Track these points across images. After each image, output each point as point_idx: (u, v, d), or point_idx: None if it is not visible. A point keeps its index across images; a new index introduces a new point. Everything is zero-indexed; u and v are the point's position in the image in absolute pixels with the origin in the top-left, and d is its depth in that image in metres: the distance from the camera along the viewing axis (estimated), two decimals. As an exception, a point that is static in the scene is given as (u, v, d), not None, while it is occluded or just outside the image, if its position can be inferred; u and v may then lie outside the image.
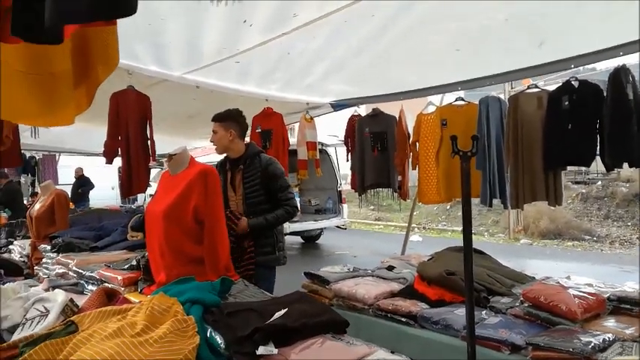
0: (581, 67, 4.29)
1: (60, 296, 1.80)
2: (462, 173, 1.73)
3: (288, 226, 10.07)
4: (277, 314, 1.50)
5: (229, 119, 3.20)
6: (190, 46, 3.61)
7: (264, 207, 3.14)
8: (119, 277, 2.25)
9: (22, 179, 11.65)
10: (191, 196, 2.17)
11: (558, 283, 2.54)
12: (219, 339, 1.44)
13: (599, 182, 14.84)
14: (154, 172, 4.60)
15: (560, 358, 2.00)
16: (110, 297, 1.90)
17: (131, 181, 4.13)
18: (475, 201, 4.74)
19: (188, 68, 4.10)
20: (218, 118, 3.21)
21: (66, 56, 1.40)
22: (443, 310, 2.50)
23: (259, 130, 5.11)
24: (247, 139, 3.40)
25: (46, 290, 2.10)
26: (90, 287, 2.35)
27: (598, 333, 2.11)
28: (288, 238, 11.02)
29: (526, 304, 2.41)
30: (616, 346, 2.06)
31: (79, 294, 2.22)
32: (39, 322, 1.72)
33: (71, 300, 1.80)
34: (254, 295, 1.90)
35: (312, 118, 5.58)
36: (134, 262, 2.37)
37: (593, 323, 2.28)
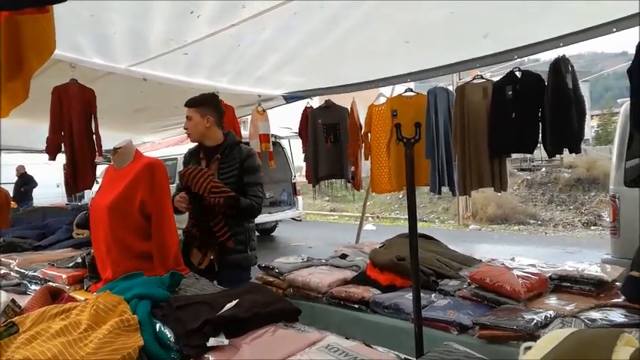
0: (525, 58, 4.46)
1: (1, 297, 1.72)
2: (405, 160, 1.77)
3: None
4: (228, 305, 1.50)
5: (205, 104, 3.00)
6: (136, 37, 3.50)
7: None
8: (64, 276, 2.18)
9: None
10: (137, 190, 2.11)
11: (503, 264, 2.65)
12: (168, 333, 1.42)
13: (543, 169, 15.53)
14: (101, 168, 4.44)
15: (504, 335, 2.10)
16: (54, 296, 1.84)
17: (76, 178, 3.98)
18: (426, 189, 4.87)
19: (134, 60, 3.98)
20: (192, 103, 3.00)
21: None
22: (394, 294, 2.57)
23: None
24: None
25: (-14, 292, 2.01)
26: (33, 287, 2.26)
27: (540, 310, 2.22)
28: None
29: (473, 286, 2.51)
30: (557, 322, 2.18)
31: (22, 294, 2.14)
32: (-22, 324, 1.65)
33: (13, 301, 1.73)
34: (205, 288, 1.89)
35: (264, 111, 5.54)
36: (79, 260, 2.29)
37: (536, 302, 2.40)
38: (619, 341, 1.03)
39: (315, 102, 5.76)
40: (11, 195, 11.72)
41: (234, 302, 1.51)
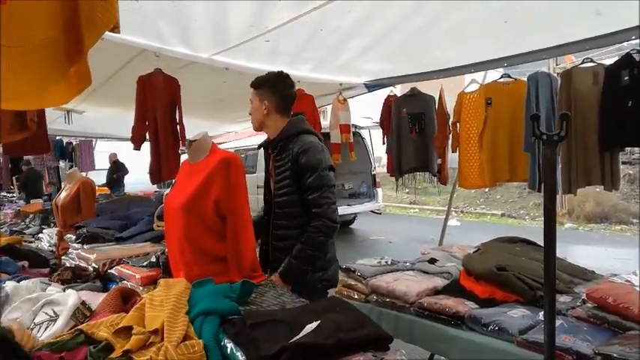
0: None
1: (71, 298, 1.64)
2: (544, 162, 1.43)
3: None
4: (308, 327, 1.30)
5: (265, 86, 2.43)
6: (217, 25, 3.41)
7: (293, 210, 2.34)
8: (137, 276, 2.09)
9: (62, 164, 11.88)
10: (212, 188, 1.95)
11: (628, 281, 2.24)
12: (240, 356, 1.24)
13: (647, 162, 14.06)
14: (185, 157, 4.45)
15: (636, 372, 1.74)
16: (127, 298, 1.74)
17: (160, 167, 4.03)
18: (515, 183, 4.44)
19: (216, 49, 3.92)
20: (253, 84, 2.49)
21: (51, 19, 1.16)
22: (494, 310, 2.25)
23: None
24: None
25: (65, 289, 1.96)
26: (111, 285, 2.20)
27: (679, 342, 1.83)
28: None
29: (590, 305, 2.13)
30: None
31: (101, 291, 2.08)
32: (47, 327, 1.57)
33: (83, 303, 1.64)
34: (282, 299, 1.70)
35: (345, 100, 5.33)
36: (153, 259, 2.20)
37: (670, 328, 1.99)
38: None
39: (398, 90, 5.47)
40: (104, 182, 12.48)
41: (315, 324, 1.30)
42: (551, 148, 1.34)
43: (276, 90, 2.43)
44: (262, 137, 2.73)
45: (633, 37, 3.43)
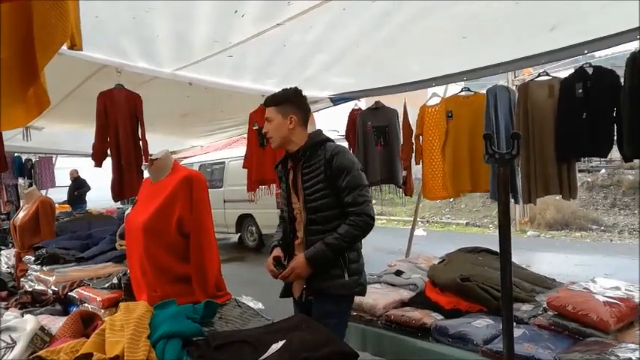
0: (595, 53, 4.07)
1: (29, 324, 1.58)
2: (498, 180, 1.49)
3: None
4: (274, 347, 1.29)
5: (287, 101, 2.46)
6: (180, 40, 3.39)
7: (330, 214, 2.34)
8: (98, 298, 2.02)
9: (21, 181, 11.48)
10: (174, 207, 1.92)
11: (586, 289, 2.31)
12: (205, 380, 1.22)
13: (603, 170, 14.63)
14: (147, 174, 4.37)
15: (594, 377, 1.79)
16: (88, 322, 1.68)
17: (122, 184, 3.94)
18: (478, 192, 4.55)
19: (179, 64, 3.88)
20: (272, 102, 2.48)
21: (6, 40, 1.12)
22: (459, 321, 2.29)
23: (256, 128, 4.89)
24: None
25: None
26: (72, 308, 2.13)
27: (635, 347, 1.89)
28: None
29: (551, 313, 2.19)
30: (656, 361, 1.85)
31: (61, 315, 2.01)
32: (4, 354, 1.51)
33: (42, 328, 1.58)
34: (247, 318, 1.69)
35: (311, 113, 5.34)
36: (115, 280, 2.14)
37: (627, 333, 2.07)
38: None
39: (363, 104, 5.53)
40: (65, 199, 12.07)
41: (280, 343, 1.29)
42: (504, 166, 1.38)
43: (300, 104, 2.54)
44: (230, 151, 2.79)
45: (585, 52, 3.59)
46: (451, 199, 13.67)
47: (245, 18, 2.97)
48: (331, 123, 9.38)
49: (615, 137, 3.60)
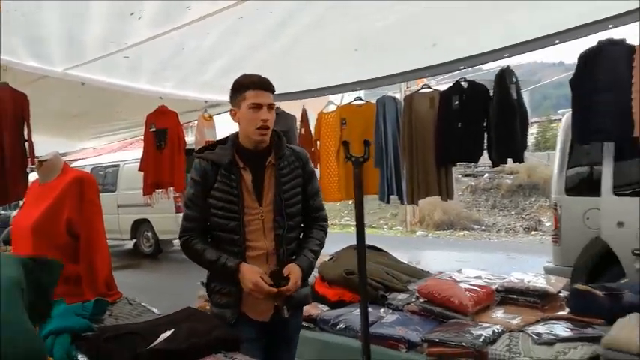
0: (469, 68, 4.54)
1: None
2: (354, 178, 1.72)
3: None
4: (163, 336, 1.38)
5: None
6: (72, 39, 3.30)
7: (300, 219, 2.20)
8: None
9: None
10: (64, 208, 1.93)
11: (451, 277, 2.64)
12: (94, 369, 1.29)
13: (486, 175, 16.05)
14: (34, 176, 4.16)
15: (453, 352, 2.08)
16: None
17: (7, 187, 3.71)
18: (376, 197, 4.88)
19: (71, 63, 3.75)
20: (272, 86, 2.22)
21: None
22: (341, 311, 2.51)
23: (153, 130, 4.83)
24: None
25: None
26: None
27: (488, 325, 2.22)
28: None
29: (421, 300, 2.48)
30: (504, 338, 2.18)
31: None
32: None
33: None
34: (140, 315, 1.75)
35: (210, 117, 5.37)
36: None
37: (484, 315, 2.40)
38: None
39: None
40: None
41: (169, 332, 1.39)
42: (359, 168, 1.61)
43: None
44: (125, 154, 2.70)
45: (461, 67, 4.03)
46: (350, 202, 14.24)
47: (142, 20, 2.98)
48: (232, 127, 9.43)
49: (485, 144, 4.08)
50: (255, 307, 2.04)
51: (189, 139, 5.60)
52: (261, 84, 2.17)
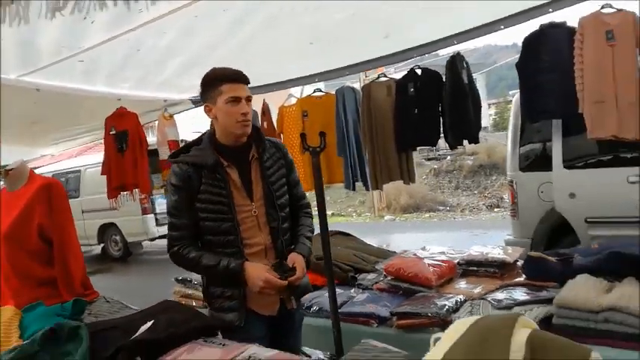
0: (426, 55, 4.70)
1: None
2: (313, 167, 1.82)
3: (156, 230, 9.66)
4: (143, 328, 1.45)
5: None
6: (24, 45, 3.25)
7: (289, 211, 2.20)
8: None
9: None
10: (34, 214, 1.96)
11: (415, 254, 2.78)
12: (79, 365, 1.34)
13: (449, 157, 16.45)
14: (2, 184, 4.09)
15: (420, 323, 2.22)
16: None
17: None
18: (342, 185, 5.00)
19: (25, 70, 3.69)
20: (247, 79, 2.18)
21: None
22: (315, 294, 2.61)
23: (113, 132, 4.80)
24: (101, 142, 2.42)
25: None
26: None
27: (451, 296, 2.37)
28: (158, 242, 10.58)
29: (389, 278, 2.61)
30: (466, 306, 2.33)
31: None
32: None
33: None
34: (118, 311, 1.80)
35: (171, 116, 5.35)
36: (-26, 293, 2.10)
37: (447, 287, 2.55)
38: (517, 324, 1.12)
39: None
40: None
41: (149, 324, 1.46)
42: (316, 157, 1.72)
43: None
44: (85, 158, 2.69)
45: (415, 55, 4.17)
46: (316, 193, 14.38)
47: (95, 25, 2.97)
48: (196, 125, 9.37)
49: (442, 129, 4.25)
50: (261, 302, 2.02)
51: (151, 139, 5.57)
52: (237, 76, 2.12)
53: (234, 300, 1.99)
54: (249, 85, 2.20)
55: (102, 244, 10.49)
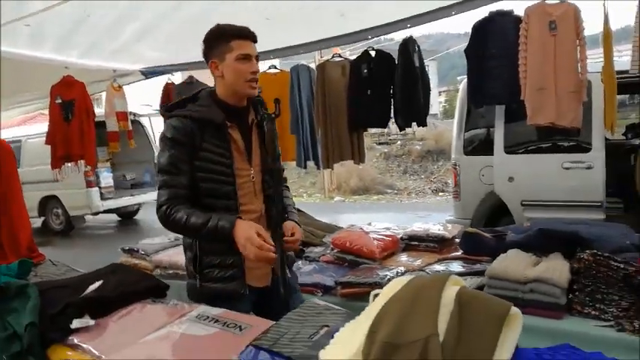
0: (382, 37, 4.79)
1: None
2: (267, 134, 1.87)
3: (101, 204, 9.41)
4: (91, 287, 1.47)
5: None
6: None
7: (281, 182, 2.14)
8: None
9: None
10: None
11: (361, 229, 2.89)
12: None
13: (399, 142, 16.80)
14: None
15: (363, 291, 2.32)
16: None
17: None
18: (293, 164, 5.05)
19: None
20: (256, 37, 2.01)
21: None
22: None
23: (59, 101, 4.64)
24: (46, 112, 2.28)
25: None
26: None
27: (393, 267, 2.49)
28: (102, 217, 10.32)
29: (335, 251, 2.71)
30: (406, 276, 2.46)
31: None
32: None
33: None
34: (65, 273, 1.81)
35: (120, 87, 5.23)
36: None
37: (390, 260, 2.68)
38: (448, 281, 1.24)
39: (178, 77, 5.58)
40: None
41: (98, 283, 1.48)
42: (272, 123, 1.79)
43: None
44: (26, 129, 2.59)
45: (369, 37, 4.24)
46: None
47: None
48: (144, 97, 9.14)
49: (392, 110, 4.37)
50: (253, 273, 1.93)
51: (99, 110, 5.42)
52: (249, 34, 1.97)
53: (235, 268, 1.87)
54: (202, 60, 2.14)
55: (42, 218, 10.12)
